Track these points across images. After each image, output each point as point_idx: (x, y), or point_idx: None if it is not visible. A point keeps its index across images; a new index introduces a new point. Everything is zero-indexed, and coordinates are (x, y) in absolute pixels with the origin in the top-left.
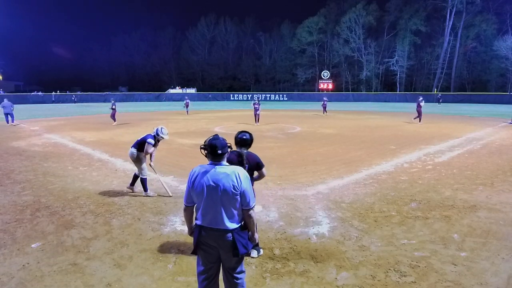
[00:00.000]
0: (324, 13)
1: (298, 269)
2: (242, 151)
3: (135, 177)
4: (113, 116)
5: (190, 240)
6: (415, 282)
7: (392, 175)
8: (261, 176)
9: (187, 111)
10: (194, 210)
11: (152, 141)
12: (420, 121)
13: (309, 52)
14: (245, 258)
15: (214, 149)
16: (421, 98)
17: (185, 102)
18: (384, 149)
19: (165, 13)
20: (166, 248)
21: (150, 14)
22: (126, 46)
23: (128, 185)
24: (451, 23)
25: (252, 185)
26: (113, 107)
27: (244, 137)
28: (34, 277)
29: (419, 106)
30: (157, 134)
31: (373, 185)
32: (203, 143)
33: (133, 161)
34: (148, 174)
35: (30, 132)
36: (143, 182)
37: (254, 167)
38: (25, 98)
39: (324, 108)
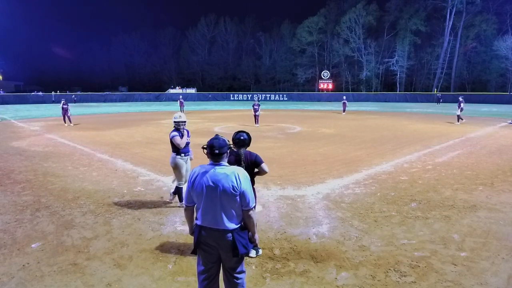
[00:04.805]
0: (324, 13)
1: (298, 269)
2: (240, 151)
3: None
4: (65, 117)
5: (190, 240)
6: (415, 282)
7: (392, 175)
8: (261, 172)
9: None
10: (195, 210)
11: (175, 133)
12: (462, 119)
13: (309, 52)
14: (245, 258)
15: (212, 149)
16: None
17: (179, 101)
18: (384, 149)
19: (165, 13)
20: (166, 248)
21: (150, 13)
22: (126, 46)
23: (171, 192)
24: (451, 23)
25: (253, 184)
26: (64, 106)
27: (242, 137)
28: (34, 277)
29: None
30: (175, 123)
31: (373, 185)
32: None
33: (172, 168)
34: (184, 183)
35: (30, 132)
36: (179, 191)
37: (252, 164)
38: (25, 98)
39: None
